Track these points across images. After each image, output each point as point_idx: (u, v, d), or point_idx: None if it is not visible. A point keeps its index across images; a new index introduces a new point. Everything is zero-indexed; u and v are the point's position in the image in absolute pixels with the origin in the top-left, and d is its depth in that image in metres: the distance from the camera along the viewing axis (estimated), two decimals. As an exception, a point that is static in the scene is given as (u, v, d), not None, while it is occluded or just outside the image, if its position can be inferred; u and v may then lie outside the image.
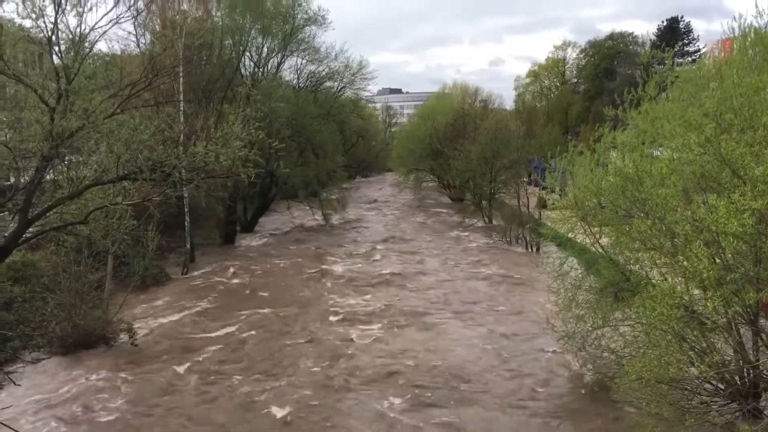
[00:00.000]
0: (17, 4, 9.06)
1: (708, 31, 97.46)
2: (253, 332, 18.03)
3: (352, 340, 17.28)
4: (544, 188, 39.19)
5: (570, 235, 14.49)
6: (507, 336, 17.29)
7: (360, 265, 27.14)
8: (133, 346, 16.69)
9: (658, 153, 12.35)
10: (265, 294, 22.48)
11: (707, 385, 10.72)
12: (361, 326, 18.53)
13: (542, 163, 43.46)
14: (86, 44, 9.80)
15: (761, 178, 8.29)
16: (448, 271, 25.83)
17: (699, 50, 58.18)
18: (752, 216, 8.03)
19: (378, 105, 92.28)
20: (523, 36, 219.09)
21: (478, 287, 23.02)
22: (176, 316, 19.59)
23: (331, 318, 19.32)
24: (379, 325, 18.60)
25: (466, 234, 35.12)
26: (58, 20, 9.32)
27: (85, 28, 9.61)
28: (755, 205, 7.99)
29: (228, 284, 24.07)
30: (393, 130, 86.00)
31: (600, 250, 13.32)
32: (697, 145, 9.63)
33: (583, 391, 13.42)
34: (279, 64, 39.40)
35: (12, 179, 10.41)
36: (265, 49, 37.46)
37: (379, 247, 31.55)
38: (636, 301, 9.82)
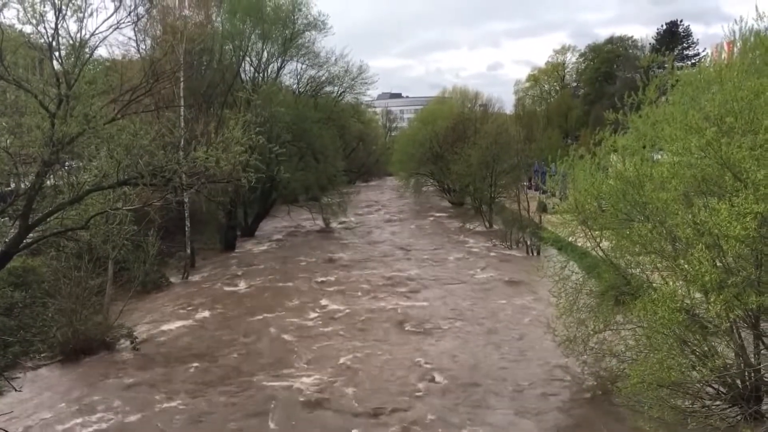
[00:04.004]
0: (18, 10, 9.09)
1: (706, 35, 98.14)
2: (254, 336, 18.02)
3: (353, 346, 17.26)
4: (544, 192, 39.26)
5: (570, 239, 14.48)
6: (507, 340, 17.25)
7: (360, 270, 27.07)
8: (134, 351, 16.71)
9: (659, 157, 12.35)
10: (265, 298, 22.45)
11: (709, 389, 10.71)
12: (360, 332, 18.53)
13: (542, 167, 43.60)
14: (87, 50, 9.83)
15: (763, 182, 8.28)
16: (448, 275, 25.76)
17: (698, 54, 58.23)
18: (754, 219, 8.02)
19: (378, 109, 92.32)
20: (521, 40, 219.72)
21: (478, 291, 22.97)
22: (177, 321, 19.59)
23: (334, 324, 19.27)
24: (380, 330, 18.59)
25: (466, 238, 35.04)
26: (59, 26, 9.34)
27: (85, 34, 9.64)
28: (758, 209, 7.98)
29: (228, 289, 24.03)
30: (393, 134, 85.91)
31: (601, 254, 13.30)
32: (698, 149, 9.64)
33: (584, 395, 13.38)
34: (279, 69, 39.60)
35: (12, 185, 10.40)
36: (265, 54, 37.66)
37: (378, 252, 31.50)
38: (637, 304, 9.80)
